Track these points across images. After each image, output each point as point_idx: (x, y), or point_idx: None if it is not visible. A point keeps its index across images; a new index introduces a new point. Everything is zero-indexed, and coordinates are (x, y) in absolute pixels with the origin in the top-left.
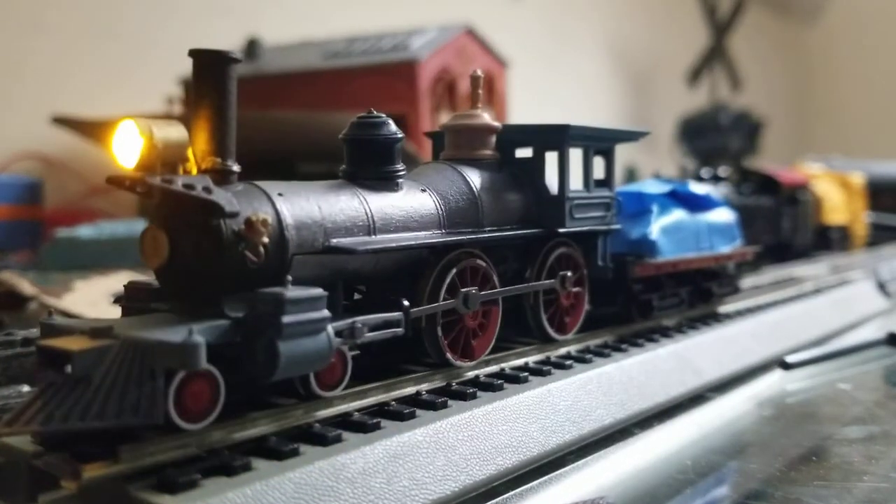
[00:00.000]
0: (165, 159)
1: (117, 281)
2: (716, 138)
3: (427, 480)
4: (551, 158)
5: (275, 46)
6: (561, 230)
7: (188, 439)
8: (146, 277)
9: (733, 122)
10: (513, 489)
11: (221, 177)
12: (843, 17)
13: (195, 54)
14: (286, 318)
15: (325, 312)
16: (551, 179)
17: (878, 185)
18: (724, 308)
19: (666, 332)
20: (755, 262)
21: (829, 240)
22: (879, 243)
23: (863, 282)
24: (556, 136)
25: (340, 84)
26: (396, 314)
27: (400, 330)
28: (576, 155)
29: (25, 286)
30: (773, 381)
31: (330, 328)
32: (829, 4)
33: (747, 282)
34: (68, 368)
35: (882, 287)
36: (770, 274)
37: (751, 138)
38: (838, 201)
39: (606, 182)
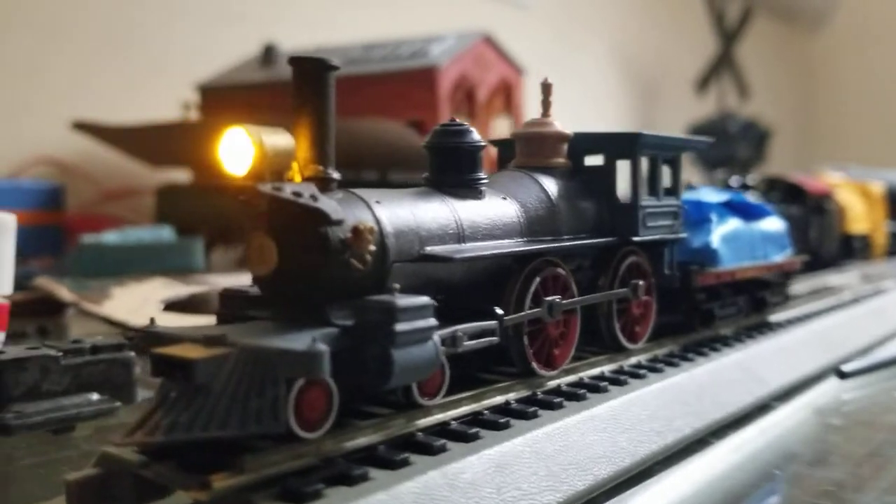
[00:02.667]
0: (274, 167)
1: (153, 288)
2: (724, 146)
3: (533, 491)
4: (620, 166)
5: (291, 53)
6: (635, 238)
7: (305, 448)
8: (239, 285)
9: (741, 130)
10: (608, 499)
11: (323, 185)
12: (849, 26)
13: (295, 62)
14: (399, 327)
15: (433, 321)
16: (621, 187)
17: None
18: (774, 317)
19: (726, 341)
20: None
21: (851, 249)
22: None
23: None
24: (628, 145)
25: (359, 90)
26: (492, 323)
27: (495, 339)
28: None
29: (64, 293)
30: (829, 390)
31: (436, 337)
32: (836, 13)
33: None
34: (189, 377)
35: None
36: (804, 283)
37: (758, 147)
38: (860, 210)
39: (673, 191)
